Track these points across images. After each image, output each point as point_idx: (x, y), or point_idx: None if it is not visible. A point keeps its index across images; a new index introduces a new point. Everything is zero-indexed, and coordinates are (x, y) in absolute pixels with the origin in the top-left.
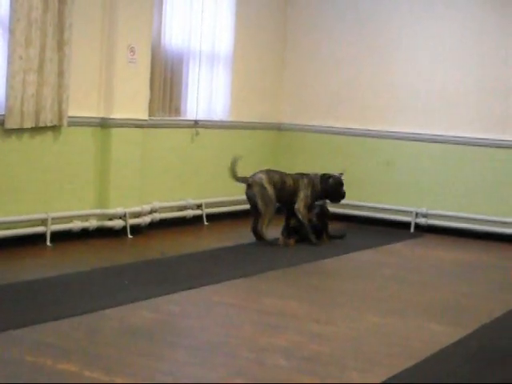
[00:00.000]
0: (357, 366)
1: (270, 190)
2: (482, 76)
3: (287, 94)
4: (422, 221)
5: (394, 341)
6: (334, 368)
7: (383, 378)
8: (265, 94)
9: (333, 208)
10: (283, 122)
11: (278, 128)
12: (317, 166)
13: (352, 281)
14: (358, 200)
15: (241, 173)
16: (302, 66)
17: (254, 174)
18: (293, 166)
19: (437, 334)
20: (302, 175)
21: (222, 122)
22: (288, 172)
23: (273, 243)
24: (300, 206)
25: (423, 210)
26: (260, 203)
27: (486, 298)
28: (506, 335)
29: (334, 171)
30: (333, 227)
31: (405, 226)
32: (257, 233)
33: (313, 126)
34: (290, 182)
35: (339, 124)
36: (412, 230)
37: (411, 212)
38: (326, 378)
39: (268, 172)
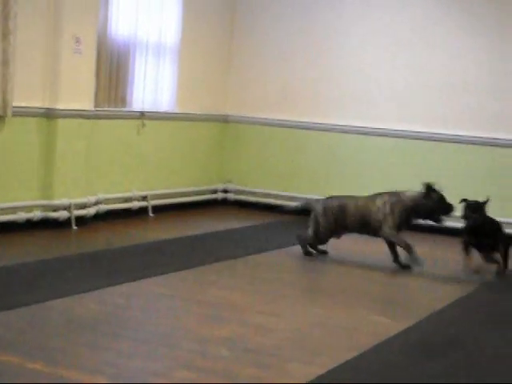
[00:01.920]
0: (299, 357)
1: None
2: (429, 71)
3: (234, 86)
4: None
5: (337, 332)
6: (276, 359)
7: (325, 369)
8: (212, 86)
9: (272, 199)
10: (230, 114)
11: (225, 120)
12: (263, 158)
13: (297, 273)
14: (300, 192)
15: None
16: (250, 58)
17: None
18: (238, 158)
19: (380, 326)
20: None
21: (168, 113)
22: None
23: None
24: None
25: None
26: None
27: (429, 290)
28: (446, 327)
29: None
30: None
31: None
32: None
33: (260, 118)
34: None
35: (286, 117)
36: None
37: None
38: (268, 369)
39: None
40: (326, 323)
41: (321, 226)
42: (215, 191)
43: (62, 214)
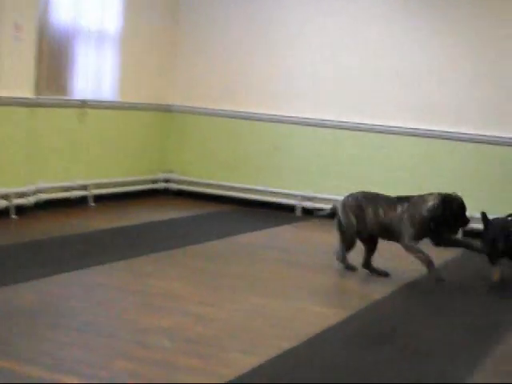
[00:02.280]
0: (240, 347)
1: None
2: (374, 62)
3: (179, 76)
4: (308, 204)
5: (276, 322)
6: (216, 349)
7: (265, 359)
8: (155, 75)
9: (214, 190)
10: (174, 103)
11: (168, 110)
12: (206, 148)
13: (237, 263)
14: (245, 183)
15: None
16: (195, 48)
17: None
18: (180, 148)
19: (319, 316)
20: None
21: (110, 102)
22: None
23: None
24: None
25: (309, 193)
26: None
27: (366, 281)
28: (384, 317)
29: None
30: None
31: (291, 209)
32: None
33: (204, 108)
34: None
35: (230, 107)
36: (298, 213)
37: (297, 195)
38: (208, 359)
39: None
40: (266, 313)
41: (343, 225)
42: (157, 181)
43: (1, 203)
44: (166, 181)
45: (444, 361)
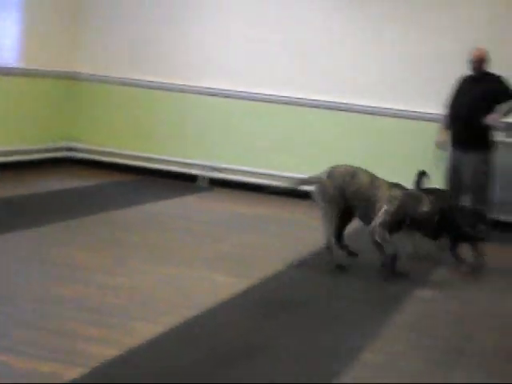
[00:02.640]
0: (142, 316)
1: None
2: (284, 36)
3: (85, 43)
4: (212, 174)
5: (180, 291)
6: (119, 319)
7: (168, 328)
8: (60, 41)
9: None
10: (79, 71)
11: (73, 77)
12: (110, 117)
13: (141, 233)
14: (148, 152)
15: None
16: (100, 14)
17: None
18: (84, 117)
19: (221, 286)
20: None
21: (10, 68)
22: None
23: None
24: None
25: (213, 163)
26: None
27: (271, 251)
28: (286, 287)
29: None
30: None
31: (195, 179)
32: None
33: (108, 76)
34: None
35: (135, 76)
36: (202, 183)
37: (201, 165)
38: (111, 328)
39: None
40: (170, 282)
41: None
42: (60, 149)
43: None
44: (69, 149)
45: (343, 328)
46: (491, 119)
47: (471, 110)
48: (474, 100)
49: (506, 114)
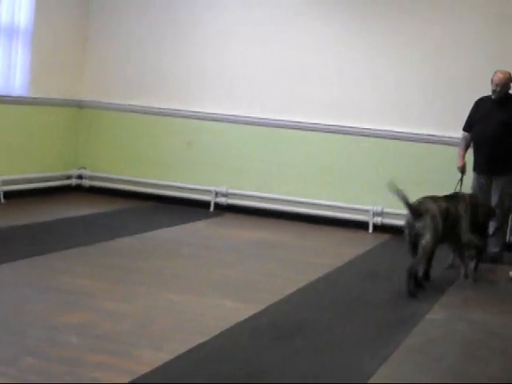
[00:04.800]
0: (149, 343)
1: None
2: (282, 59)
3: (90, 71)
4: (221, 200)
5: (188, 318)
6: (126, 346)
7: (175, 354)
8: (66, 70)
9: (128, 186)
10: (85, 99)
11: (80, 105)
12: (119, 144)
13: (149, 259)
14: (159, 179)
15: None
16: (106, 43)
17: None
18: (93, 144)
19: (230, 311)
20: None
21: (20, 97)
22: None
23: None
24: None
25: (223, 189)
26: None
27: (278, 276)
28: (294, 311)
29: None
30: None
31: (205, 205)
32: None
33: (115, 103)
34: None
35: (141, 103)
36: (212, 209)
37: (211, 191)
38: (118, 356)
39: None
40: (178, 309)
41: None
42: (69, 177)
43: None
44: (79, 177)
45: (352, 354)
46: None
47: (497, 135)
48: (500, 125)
49: None
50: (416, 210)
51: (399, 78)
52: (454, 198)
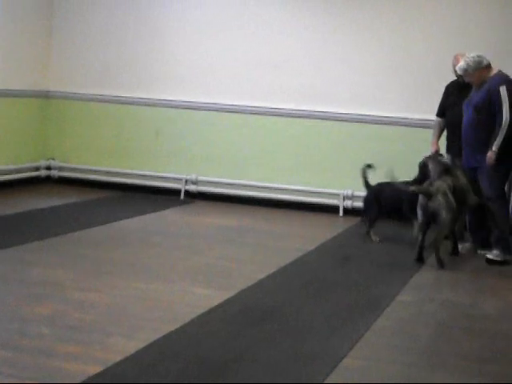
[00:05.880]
0: (121, 332)
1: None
2: (253, 46)
3: (56, 62)
4: (191, 187)
5: (159, 306)
6: (97, 335)
7: (147, 342)
8: (32, 61)
9: (97, 176)
10: (52, 90)
11: (46, 96)
12: (87, 134)
13: (120, 249)
14: (127, 168)
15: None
16: (70, 33)
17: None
18: (61, 135)
19: (201, 298)
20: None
21: None
22: None
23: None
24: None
25: (193, 176)
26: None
27: (249, 261)
28: (266, 297)
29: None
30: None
31: (175, 193)
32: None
33: (82, 94)
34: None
35: (109, 92)
36: (182, 196)
37: (181, 179)
38: (89, 345)
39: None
40: (148, 297)
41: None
42: (38, 168)
43: None
44: (48, 168)
45: (324, 336)
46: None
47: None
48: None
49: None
50: (427, 192)
51: (368, 61)
52: (449, 171)
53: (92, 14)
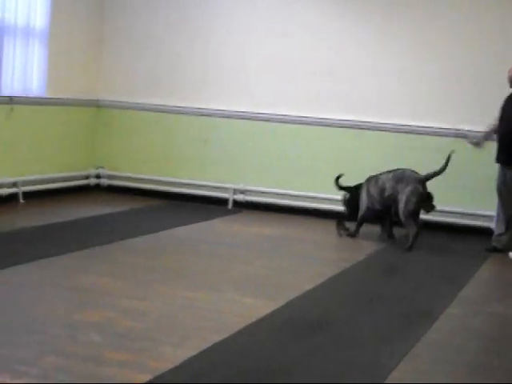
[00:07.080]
0: (170, 341)
1: None
2: (300, 55)
3: (105, 71)
4: (239, 197)
5: (207, 315)
6: (146, 343)
7: (196, 351)
8: (82, 70)
9: (146, 184)
10: (101, 98)
11: (97, 105)
12: (135, 143)
13: (168, 257)
14: (176, 177)
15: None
16: (120, 42)
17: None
18: (110, 143)
19: (249, 308)
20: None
21: (38, 98)
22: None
23: None
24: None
25: (240, 186)
26: None
27: (297, 271)
28: (314, 307)
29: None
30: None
31: (223, 202)
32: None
33: (132, 102)
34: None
35: (157, 101)
36: (230, 206)
37: (229, 188)
38: (139, 353)
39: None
40: (197, 306)
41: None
42: (87, 177)
43: None
44: (97, 176)
45: (373, 349)
46: None
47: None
48: None
49: None
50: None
51: (426, 72)
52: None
53: (142, 22)
